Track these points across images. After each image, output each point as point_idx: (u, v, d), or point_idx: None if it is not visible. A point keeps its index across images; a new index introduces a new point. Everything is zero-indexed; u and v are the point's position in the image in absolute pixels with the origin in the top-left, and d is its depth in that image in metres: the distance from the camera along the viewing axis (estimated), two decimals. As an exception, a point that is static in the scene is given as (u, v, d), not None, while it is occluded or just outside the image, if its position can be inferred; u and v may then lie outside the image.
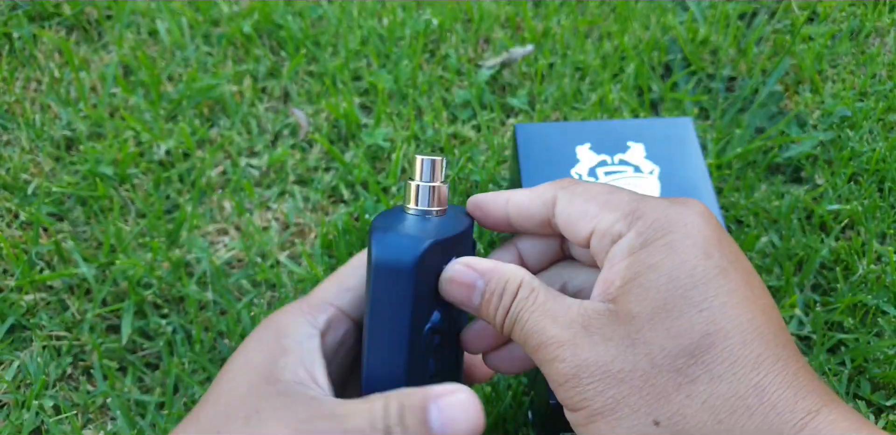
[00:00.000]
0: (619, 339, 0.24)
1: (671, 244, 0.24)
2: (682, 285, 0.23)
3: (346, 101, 0.64)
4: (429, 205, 0.30)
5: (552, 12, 0.73)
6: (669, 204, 0.26)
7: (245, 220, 0.57)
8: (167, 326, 0.51)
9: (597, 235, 0.27)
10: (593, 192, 0.27)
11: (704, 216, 0.25)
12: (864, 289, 0.53)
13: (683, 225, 0.25)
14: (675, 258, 0.24)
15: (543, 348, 0.25)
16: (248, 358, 0.29)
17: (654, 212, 0.25)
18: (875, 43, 0.72)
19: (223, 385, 0.28)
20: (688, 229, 0.25)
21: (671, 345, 0.23)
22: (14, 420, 0.47)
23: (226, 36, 0.70)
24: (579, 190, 0.28)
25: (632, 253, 0.25)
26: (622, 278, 0.25)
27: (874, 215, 0.57)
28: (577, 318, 0.25)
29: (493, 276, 0.27)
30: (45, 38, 0.71)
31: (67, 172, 0.60)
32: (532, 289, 0.26)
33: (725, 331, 0.23)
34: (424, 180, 0.30)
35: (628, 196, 0.27)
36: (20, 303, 0.52)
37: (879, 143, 0.62)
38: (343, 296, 0.31)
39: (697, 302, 0.23)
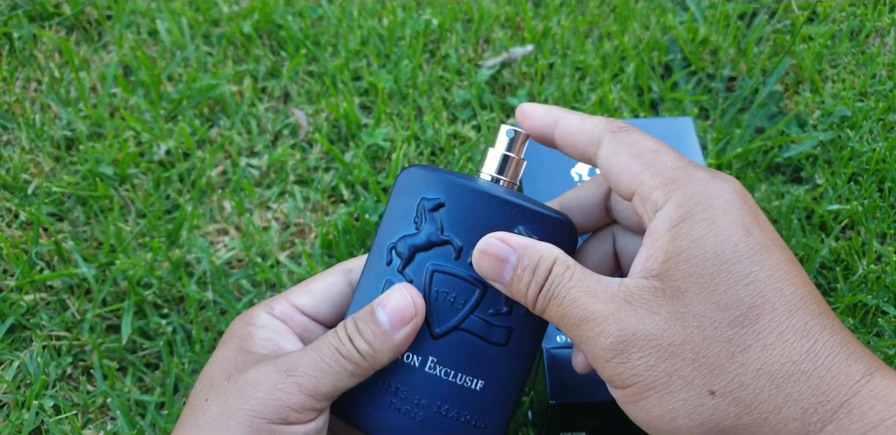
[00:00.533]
0: (666, 313, 0.24)
1: (713, 220, 0.25)
2: (728, 260, 0.24)
3: (347, 101, 0.64)
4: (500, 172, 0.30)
5: (552, 12, 0.73)
6: (710, 178, 0.26)
7: (245, 220, 0.57)
8: (167, 326, 0.51)
9: (638, 197, 0.27)
10: (640, 148, 0.27)
11: (741, 194, 0.26)
12: (864, 289, 0.53)
13: (724, 201, 0.25)
14: (718, 234, 0.24)
15: (585, 324, 0.25)
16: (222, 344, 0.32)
17: (695, 184, 0.25)
18: (875, 43, 0.72)
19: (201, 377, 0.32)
20: (728, 206, 0.25)
21: (720, 317, 0.23)
22: (14, 420, 0.47)
23: (226, 36, 0.70)
24: (627, 140, 0.27)
25: (673, 226, 0.25)
26: (665, 253, 0.25)
27: (874, 215, 0.57)
28: (618, 293, 0.25)
29: (527, 251, 0.27)
30: (45, 38, 0.71)
31: (67, 172, 0.60)
32: (567, 266, 0.26)
33: (772, 302, 0.23)
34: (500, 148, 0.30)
35: (672, 161, 0.26)
36: (20, 303, 0.52)
37: (879, 143, 0.62)
38: (301, 296, 0.34)
39: (743, 276, 0.24)
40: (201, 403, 0.29)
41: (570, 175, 0.47)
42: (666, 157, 0.27)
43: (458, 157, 0.61)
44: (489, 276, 0.28)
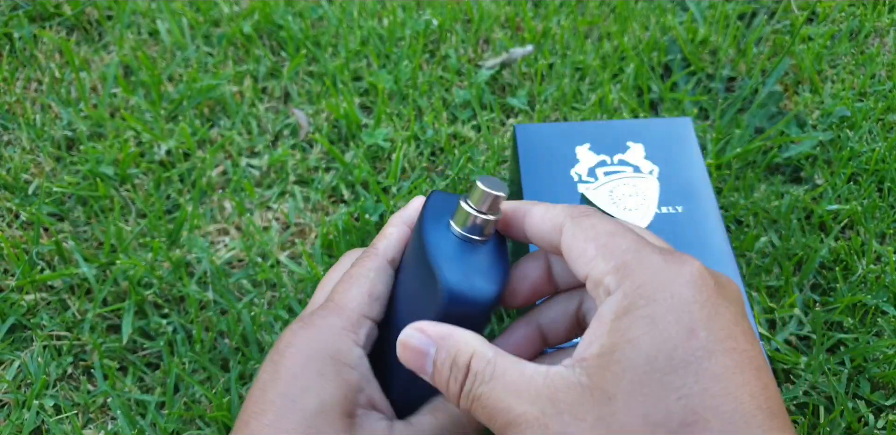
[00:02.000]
0: (592, 419, 0.22)
1: (653, 317, 0.22)
2: (661, 368, 0.22)
3: (347, 101, 0.64)
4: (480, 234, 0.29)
5: (552, 13, 0.73)
6: (663, 263, 0.24)
7: (245, 220, 0.57)
8: (168, 326, 0.51)
9: (591, 281, 0.25)
10: (597, 231, 0.26)
11: (696, 284, 0.23)
12: (863, 289, 0.53)
13: (670, 295, 0.23)
14: (655, 336, 0.22)
15: (512, 428, 0.23)
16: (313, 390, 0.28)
17: (644, 272, 0.23)
18: (874, 43, 0.72)
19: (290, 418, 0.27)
20: (674, 301, 0.23)
21: (648, 432, 0.21)
22: (15, 420, 0.47)
23: (226, 36, 0.70)
24: (585, 225, 0.26)
25: (615, 317, 0.23)
26: (601, 347, 0.23)
27: (873, 215, 0.57)
28: (543, 390, 0.23)
29: (444, 344, 0.25)
30: (45, 39, 0.71)
31: (68, 172, 0.60)
32: (487, 361, 0.25)
33: (705, 420, 0.21)
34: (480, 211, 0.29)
35: (627, 243, 0.25)
36: (21, 303, 0.52)
37: (879, 143, 0.62)
38: (374, 307, 0.30)
39: (676, 388, 0.21)
40: None
41: (570, 175, 0.48)
42: (622, 239, 0.25)
43: (458, 158, 0.61)
44: (413, 368, 0.27)
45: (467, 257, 0.28)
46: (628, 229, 0.26)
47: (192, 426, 0.47)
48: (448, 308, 0.27)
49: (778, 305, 0.52)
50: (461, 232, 0.29)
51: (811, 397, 0.48)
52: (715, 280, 0.24)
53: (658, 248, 0.25)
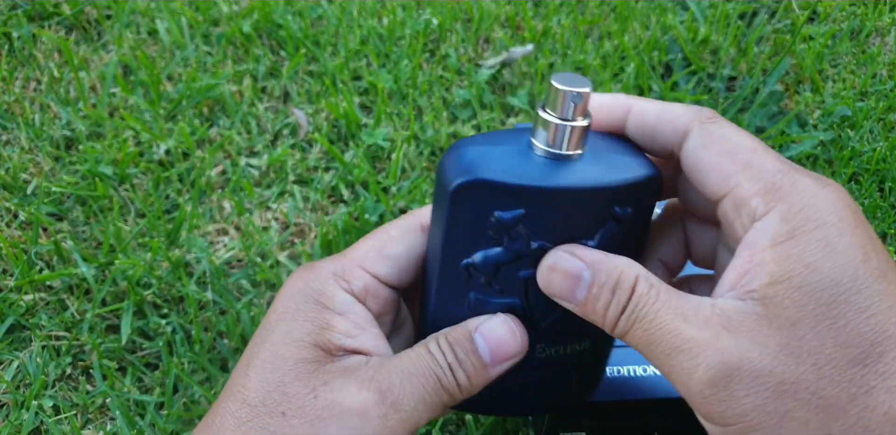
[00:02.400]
0: (775, 345, 0.21)
1: (829, 241, 0.22)
2: (847, 290, 0.21)
3: (346, 100, 0.64)
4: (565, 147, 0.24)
5: (552, 12, 0.73)
6: (819, 188, 0.22)
7: (245, 220, 0.57)
8: (167, 326, 0.51)
9: (730, 200, 0.23)
10: (734, 145, 0.24)
11: (854, 209, 0.23)
12: (864, 289, 0.53)
13: (838, 219, 0.22)
14: (836, 258, 0.21)
15: (678, 353, 0.22)
16: (290, 330, 0.27)
17: (802, 195, 0.22)
18: (875, 42, 0.72)
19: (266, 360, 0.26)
20: (842, 225, 0.22)
21: (839, 354, 0.21)
22: (13, 420, 0.47)
23: (225, 36, 0.70)
24: (719, 134, 0.24)
25: (778, 243, 0.22)
26: (770, 275, 0.22)
27: (875, 215, 0.57)
28: (713, 317, 0.22)
29: (603, 267, 0.24)
30: (44, 38, 0.71)
31: (67, 172, 0.60)
32: (652, 284, 0.23)
33: (894, 336, 0.21)
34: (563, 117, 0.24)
35: (772, 163, 0.23)
36: (19, 303, 0.52)
37: (880, 142, 0.62)
38: (380, 264, 0.28)
39: (864, 308, 0.21)
40: (276, 416, 0.25)
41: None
42: (765, 158, 0.23)
43: (458, 157, 0.61)
44: (558, 294, 0.25)
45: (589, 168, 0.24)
46: (766, 146, 0.24)
47: (192, 427, 0.47)
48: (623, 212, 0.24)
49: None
50: (550, 150, 0.24)
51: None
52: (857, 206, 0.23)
53: (802, 170, 0.24)
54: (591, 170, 0.24)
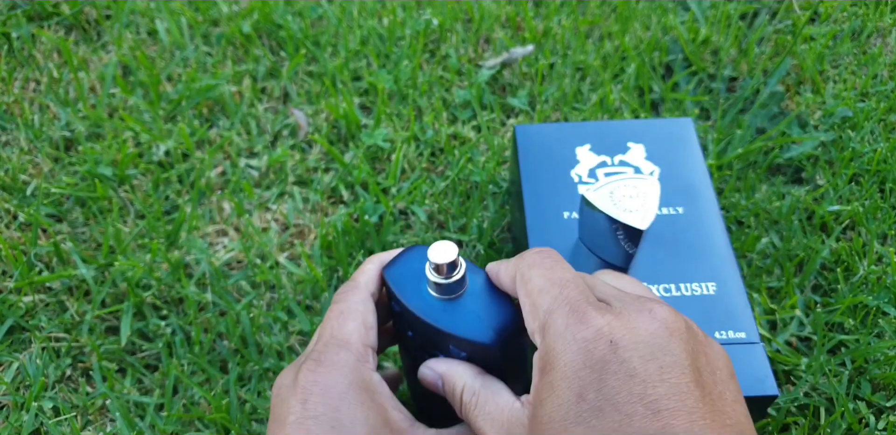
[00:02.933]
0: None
1: (552, 384, 0.26)
2: (558, 427, 0.25)
3: (346, 101, 0.63)
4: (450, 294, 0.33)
5: (553, 12, 0.73)
6: (564, 328, 0.26)
7: (244, 221, 0.57)
8: (166, 328, 0.51)
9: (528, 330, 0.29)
10: (529, 288, 0.29)
11: (588, 349, 0.26)
12: (864, 290, 0.53)
13: (564, 363, 0.26)
14: (553, 400, 0.26)
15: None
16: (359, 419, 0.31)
17: (550, 337, 0.27)
18: (877, 43, 0.72)
19: None
20: (564, 370, 0.26)
21: None
22: (13, 422, 0.47)
23: (225, 36, 0.70)
24: (525, 278, 0.29)
25: (537, 376, 0.27)
26: (531, 397, 0.28)
27: (875, 216, 0.57)
28: (504, 422, 0.29)
29: (446, 379, 0.32)
30: (43, 38, 0.70)
31: (66, 173, 0.60)
32: (473, 392, 0.31)
33: None
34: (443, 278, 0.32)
35: (548, 302, 0.28)
36: (19, 304, 0.52)
37: (881, 143, 0.62)
38: (370, 336, 0.34)
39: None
40: None
41: (570, 176, 0.47)
42: (545, 297, 0.28)
43: (458, 158, 0.61)
44: (434, 391, 0.33)
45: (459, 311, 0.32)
46: (556, 283, 0.28)
47: (191, 428, 0.47)
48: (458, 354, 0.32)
49: (779, 306, 0.52)
50: (442, 296, 0.32)
51: (812, 399, 0.48)
52: (611, 340, 0.26)
53: (570, 305, 0.27)
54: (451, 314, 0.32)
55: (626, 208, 0.45)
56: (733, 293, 0.41)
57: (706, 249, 0.43)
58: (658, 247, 0.43)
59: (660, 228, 0.44)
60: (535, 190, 0.47)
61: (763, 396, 0.38)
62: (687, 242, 0.44)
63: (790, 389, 0.49)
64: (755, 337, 0.40)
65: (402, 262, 0.34)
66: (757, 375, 0.38)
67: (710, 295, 0.41)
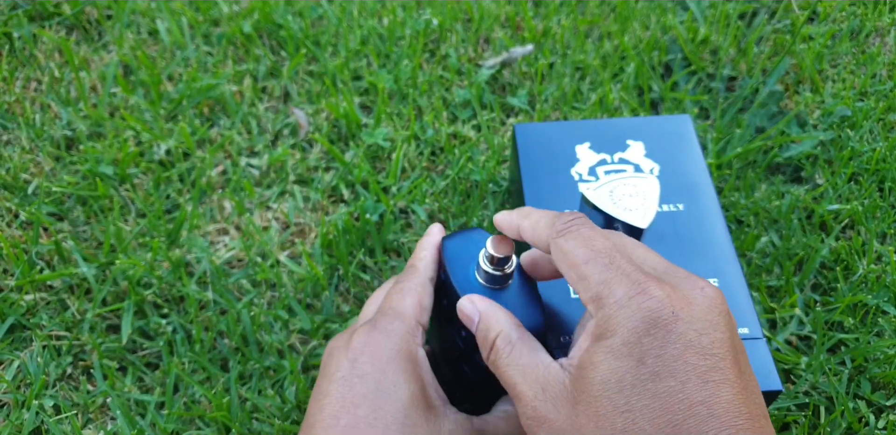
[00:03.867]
0: (565, 414, 0.28)
1: (612, 348, 0.27)
2: (614, 388, 0.27)
3: (347, 100, 0.64)
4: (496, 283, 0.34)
5: (552, 12, 0.73)
6: (626, 299, 0.27)
7: (245, 219, 0.57)
8: (167, 326, 0.51)
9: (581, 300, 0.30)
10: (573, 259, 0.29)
11: (652, 318, 0.27)
12: (864, 289, 0.53)
13: (627, 329, 0.27)
14: (612, 362, 0.27)
15: (516, 400, 0.30)
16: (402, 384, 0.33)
17: (609, 307, 0.28)
18: (875, 42, 0.72)
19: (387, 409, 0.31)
20: (628, 336, 0.27)
21: (598, 432, 0.27)
22: (14, 420, 0.47)
23: (226, 36, 0.70)
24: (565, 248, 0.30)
25: (591, 341, 0.28)
26: (579, 361, 0.28)
27: (874, 215, 0.57)
28: (539, 378, 0.29)
29: (485, 318, 0.32)
30: (45, 38, 0.71)
31: (67, 172, 0.60)
32: (509, 341, 0.31)
33: (642, 430, 0.26)
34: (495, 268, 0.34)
35: (598, 273, 0.28)
36: (20, 303, 0.52)
37: (880, 142, 0.62)
38: (424, 315, 0.35)
39: (621, 404, 0.26)
40: None
41: (570, 174, 0.47)
42: (594, 268, 0.29)
43: (459, 157, 0.61)
44: (466, 324, 0.33)
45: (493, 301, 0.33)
46: (601, 253, 0.29)
47: (192, 426, 0.47)
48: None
49: (779, 304, 0.52)
50: (486, 284, 0.34)
51: (812, 397, 0.48)
52: (672, 311, 0.27)
53: (629, 277, 0.28)
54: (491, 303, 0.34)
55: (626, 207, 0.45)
56: (735, 289, 0.41)
57: (707, 245, 0.43)
58: (659, 243, 0.44)
59: (661, 225, 0.44)
60: (536, 188, 0.47)
61: (767, 392, 0.38)
62: (688, 238, 0.44)
63: (790, 387, 0.49)
64: (758, 332, 0.40)
65: (463, 239, 0.36)
66: (760, 370, 0.38)
67: (710, 292, 0.41)
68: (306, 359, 0.50)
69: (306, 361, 0.49)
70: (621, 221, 0.39)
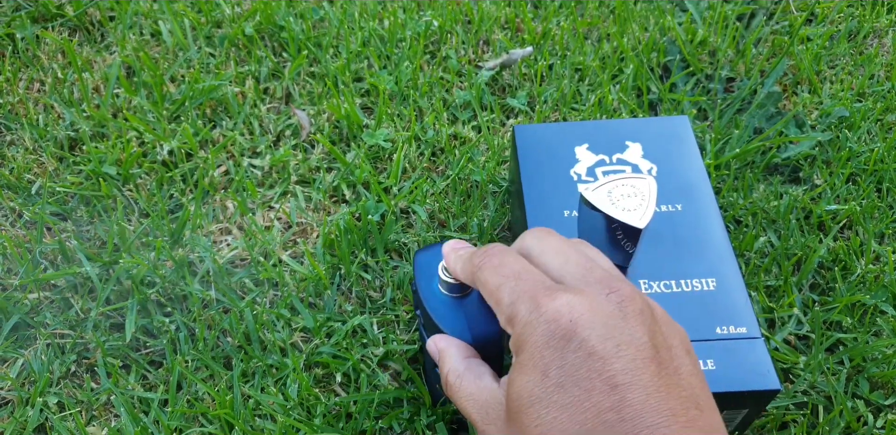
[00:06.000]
0: (502, 432, 0.30)
1: (521, 364, 0.28)
2: (526, 403, 0.27)
3: (348, 101, 0.64)
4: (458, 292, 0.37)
5: (551, 14, 0.73)
6: (528, 315, 0.28)
7: (248, 219, 0.58)
8: (170, 325, 0.51)
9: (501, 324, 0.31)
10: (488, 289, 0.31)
11: (551, 329, 0.27)
12: (862, 288, 0.53)
13: (531, 344, 0.28)
14: (521, 378, 0.28)
15: (474, 425, 0.32)
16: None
17: (516, 327, 0.29)
18: (873, 44, 0.73)
19: None
20: (532, 351, 0.28)
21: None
22: (18, 417, 0.47)
23: (228, 37, 0.71)
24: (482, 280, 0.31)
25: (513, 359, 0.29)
26: (507, 379, 0.30)
27: (872, 215, 0.58)
28: (484, 403, 0.31)
29: (441, 357, 0.35)
30: (48, 39, 0.71)
31: (71, 172, 0.61)
32: (458, 375, 0.33)
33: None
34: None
35: (508, 296, 0.30)
36: (24, 301, 0.52)
37: (877, 143, 0.62)
38: None
39: (534, 418, 0.27)
40: None
41: (569, 175, 0.48)
42: (504, 293, 0.30)
43: (459, 158, 0.62)
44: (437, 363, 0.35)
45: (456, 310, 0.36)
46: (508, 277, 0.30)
47: (195, 424, 0.47)
48: None
49: (777, 304, 0.53)
50: (448, 293, 0.36)
51: (810, 397, 0.48)
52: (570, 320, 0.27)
53: (528, 294, 0.29)
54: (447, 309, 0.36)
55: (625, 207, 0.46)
56: (733, 289, 0.42)
57: (705, 245, 0.44)
58: (658, 244, 0.44)
59: (659, 225, 0.45)
60: (535, 189, 0.47)
61: (765, 391, 0.38)
62: (686, 238, 0.44)
63: (788, 387, 0.49)
64: (756, 332, 0.40)
65: (431, 253, 0.38)
66: (759, 369, 0.38)
67: (711, 291, 0.42)
68: (308, 357, 0.50)
69: (308, 359, 0.50)
70: (619, 221, 0.40)
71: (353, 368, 0.49)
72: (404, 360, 0.49)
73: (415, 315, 0.40)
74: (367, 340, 0.50)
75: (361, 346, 0.50)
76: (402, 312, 0.52)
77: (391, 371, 0.50)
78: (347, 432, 0.46)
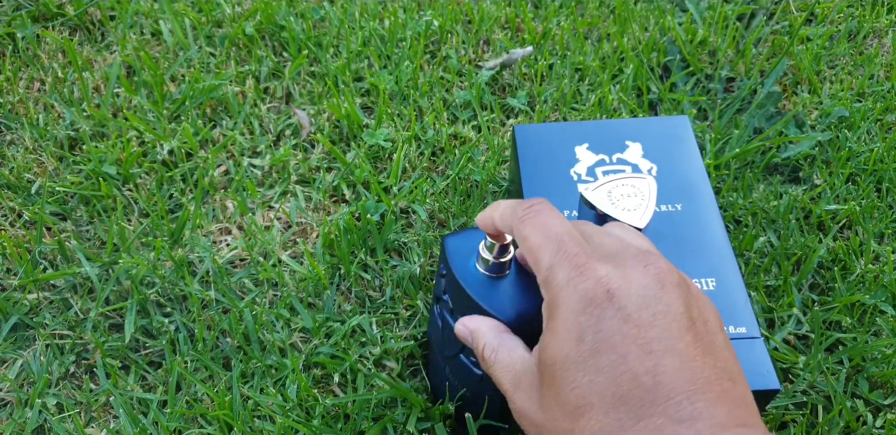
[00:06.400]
0: (535, 399, 0.30)
1: (555, 330, 0.29)
2: (560, 367, 0.28)
3: (348, 101, 0.64)
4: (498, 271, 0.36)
5: (552, 14, 0.73)
6: (564, 283, 0.29)
7: (247, 219, 0.58)
8: (170, 325, 0.51)
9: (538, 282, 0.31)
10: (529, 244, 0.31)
11: (588, 298, 0.28)
12: (861, 288, 0.53)
13: (565, 311, 0.28)
14: (556, 343, 0.29)
15: (506, 394, 0.32)
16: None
17: (551, 291, 0.29)
18: (873, 44, 0.73)
19: None
20: (566, 316, 0.28)
21: (560, 411, 0.29)
22: (17, 418, 0.47)
23: (228, 37, 0.71)
24: (523, 234, 0.31)
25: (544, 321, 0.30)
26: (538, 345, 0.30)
27: (872, 215, 0.58)
28: (517, 373, 0.32)
29: (474, 335, 0.35)
30: (48, 39, 0.71)
31: (71, 172, 0.61)
32: (493, 349, 0.33)
33: (591, 404, 0.27)
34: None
35: (547, 258, 0.30)
36: (23, 302, 0.52)
37: (877, 143, 0.62)
38: None
39: (569, 381, 0.28)
40: None
41: (569, 175, 0.48)
42: (545, 253, 0.30)
43: (459, 158, 0.62)
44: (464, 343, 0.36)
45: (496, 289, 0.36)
46: (552, 239, 0.30)
47: (195, 425, 0.47)
48: None
49: (777, 304, 0.53)
50: (486, 273, 0.36)
51: (810, 396, 0.48)
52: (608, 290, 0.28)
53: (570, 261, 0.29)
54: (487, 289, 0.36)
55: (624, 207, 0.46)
56: (733, 288, 0.42)
57: (705, 244, 0.44)
58: (657, 243, 0.44)
59: (659, 225, 0.45)
60: (535, 188, 0.47)
61: (765, 390, 0.38)
62: (686, 238, 0.44)
63: (788, 386, 0.49)
64: (756, 332, 0.40)
65: (464, 235, 0.38)
66: (758, 369, 0.38)
67: (710, 290, 0.42)
68: (308, 357, 0.50)
69: (308, 360, 0.50)
70: (619, 221, 0.40)
71: (350, 369, 0.49)
72: (401, 357, 0.50)
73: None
74: (366, 339, 0.50)
75: (360, 345, 0.50)
76: (401, 310, 0.52)
77: (388, 370, 0.50)
78: (346, 433, 0.46)
